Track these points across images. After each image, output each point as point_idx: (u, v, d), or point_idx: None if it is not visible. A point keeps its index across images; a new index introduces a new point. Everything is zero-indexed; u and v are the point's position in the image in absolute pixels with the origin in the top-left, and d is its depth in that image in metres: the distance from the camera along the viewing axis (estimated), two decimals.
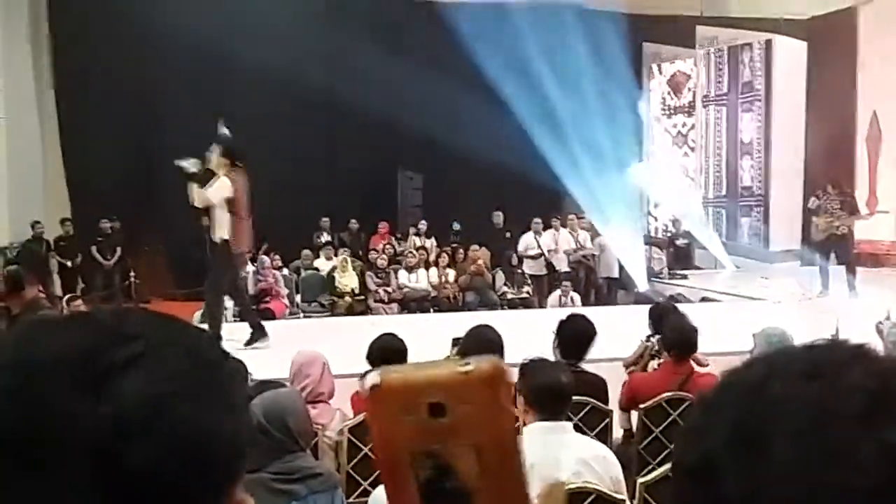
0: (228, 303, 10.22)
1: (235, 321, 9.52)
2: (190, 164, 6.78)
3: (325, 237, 12.54)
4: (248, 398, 0.60)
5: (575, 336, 3.93)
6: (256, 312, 9.74)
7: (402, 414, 0.55)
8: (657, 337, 4.67)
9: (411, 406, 0.55)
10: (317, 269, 11.38)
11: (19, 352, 0.52)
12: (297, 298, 10.94)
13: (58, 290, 11.21)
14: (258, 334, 7.23)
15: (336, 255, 11.42)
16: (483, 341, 3.68)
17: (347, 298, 10.46)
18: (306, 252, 11.80)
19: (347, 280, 10.45)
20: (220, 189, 6.79)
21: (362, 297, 10.58)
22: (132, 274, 12.22)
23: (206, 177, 6.77)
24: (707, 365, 4.40)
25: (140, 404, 0.49)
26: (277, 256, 11.46)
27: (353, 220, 13.11)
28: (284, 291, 10.61)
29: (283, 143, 13.44)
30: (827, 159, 12.96)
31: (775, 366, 0.47)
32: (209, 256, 7.52)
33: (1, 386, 0.49)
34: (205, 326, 7.08)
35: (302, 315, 10.47)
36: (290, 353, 4.07)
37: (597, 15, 15.17)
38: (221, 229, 6.91)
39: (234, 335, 7.19)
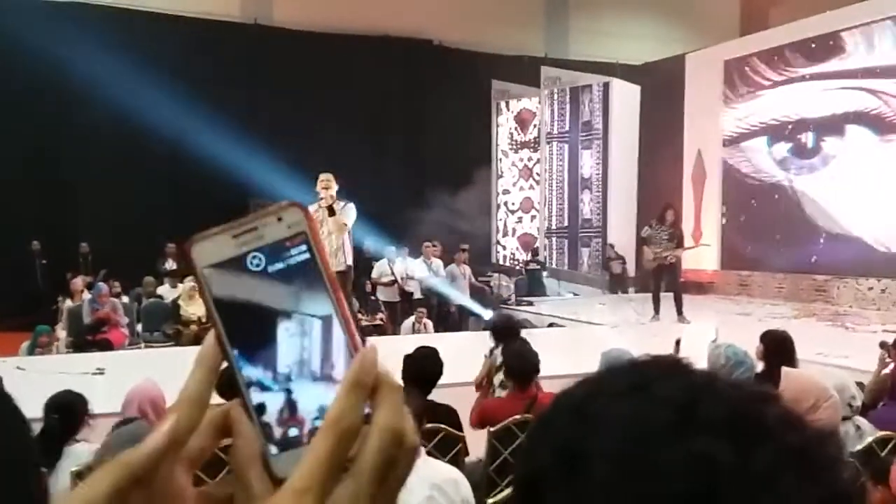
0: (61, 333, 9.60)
1: (69, 352, 8.94)
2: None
3: (171, 264, 12.01)
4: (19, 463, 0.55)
5: (420, 373, 3.96)
6: (90, 343, 9.20)
7: None
8: (500, 349, 4.84)
9: None
10: (160, 296, 10.86)
11: None
12: (138, 327, 10.38)
13: None
14: None
15: (182, 282, 10.96)
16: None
17: (194, 327, 10.04)
18: (149, 279, 11.24)
19: (194, 308, 10.04)
20: (351, 213, 6.88)
21: (210, 326, 10.18)
22: None
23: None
24: None
25: None
26: (117, 283, 10.86)
27: None
28: (124, 320, 10.02)
29: (126, 164, 12.84)
30: (658, 194, 13.97)
31: (597, 384, 0.50)
32: None
33: None
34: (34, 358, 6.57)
35: (143, 345, 9.94)
36: (129, 386, 3.90)
37: (449, 52, 15.70)
38: (347, 255, 6.90)
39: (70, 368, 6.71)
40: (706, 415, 0.44)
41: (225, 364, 0.45)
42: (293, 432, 0.44)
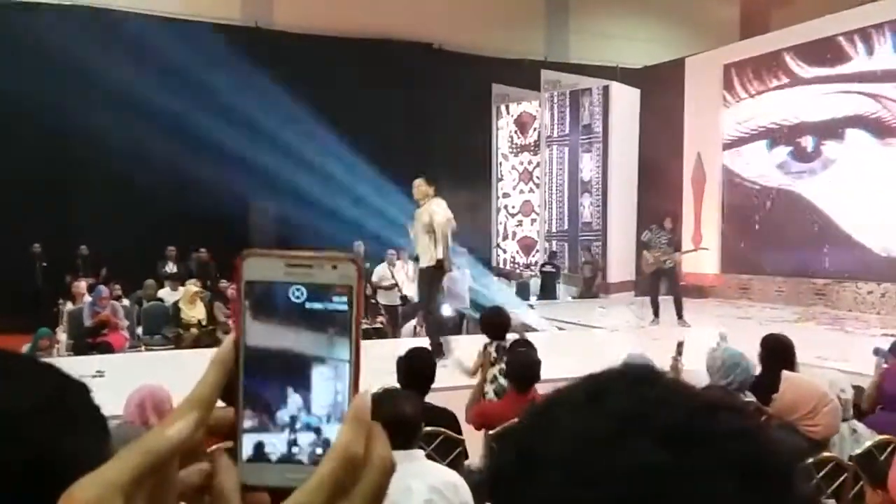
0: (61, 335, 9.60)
1: (69, 355, 8.94)
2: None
3: (172, 267, 12.03)
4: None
5: (415, 373, 3.97)
6: (90, 346, 9.20)
7: None
8: (495, 344, 4.86)
9: None
10: (160, 299, 10.88)
11: None
12: (139, 330, 10.39)
13: None
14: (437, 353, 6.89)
15: (183, 285, 10.98)
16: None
17: (194, 330, 10.06)
18: (149, 282, 11.25)
19: (195, 311, 10.06)
20: (441, 211, 6.92)
21: (211, 329, 10.21)
22: None
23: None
24: None
25: None
26: (117, 286, 10.88)
27: (203, 250, 12.71)
28: (124, 323, 10.04)
29: (127, 167, 12.83)
30: (657, 198, 13.99)
31: (561, 394, 0.53)
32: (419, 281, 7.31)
33: None
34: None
35: (143, 348, 9.95)
36: (129, 389, 3.90)
37: (449, 55, 15.72)
38: (438, 252, 6.98)
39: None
40: (653, 424, 0.47)
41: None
42: (268, 448, 0.46)
